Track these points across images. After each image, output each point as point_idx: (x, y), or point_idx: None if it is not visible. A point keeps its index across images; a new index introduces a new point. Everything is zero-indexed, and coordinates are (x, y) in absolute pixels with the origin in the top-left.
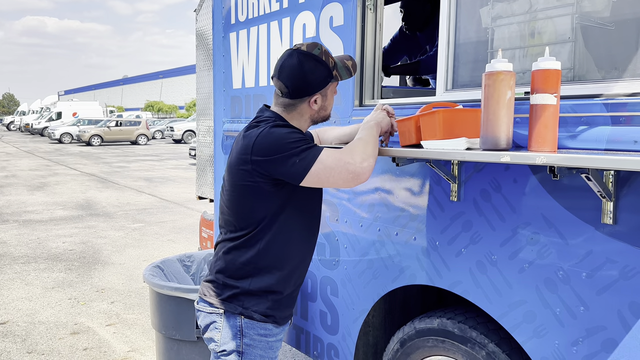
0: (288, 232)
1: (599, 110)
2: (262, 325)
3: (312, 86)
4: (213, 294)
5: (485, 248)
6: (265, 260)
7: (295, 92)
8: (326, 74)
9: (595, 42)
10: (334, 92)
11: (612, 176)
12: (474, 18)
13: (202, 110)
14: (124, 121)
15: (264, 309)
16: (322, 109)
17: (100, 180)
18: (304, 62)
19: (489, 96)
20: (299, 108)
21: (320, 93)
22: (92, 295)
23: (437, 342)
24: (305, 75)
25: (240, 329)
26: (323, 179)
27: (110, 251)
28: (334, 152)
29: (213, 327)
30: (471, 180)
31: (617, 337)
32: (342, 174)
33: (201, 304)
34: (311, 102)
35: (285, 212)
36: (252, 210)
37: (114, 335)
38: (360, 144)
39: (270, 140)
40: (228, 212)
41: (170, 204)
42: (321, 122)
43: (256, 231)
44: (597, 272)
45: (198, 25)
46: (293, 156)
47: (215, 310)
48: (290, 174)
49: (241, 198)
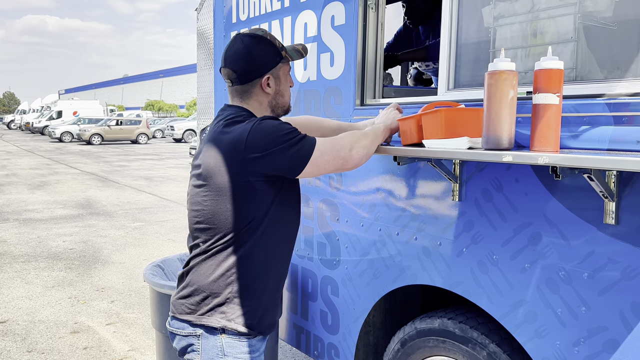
0: (273, 233)
1: (602, 110)
2: (244, 343)
3: (261, 65)
4: (188, 310)
5: (487, 248)
6: (249, 265)
7: (244, 75)
8: (274, 52)
9: (598, 41)
10: (288, 80)
11: (614, 176)
12: (476, 17)
13: (203, 110)
14: (125, 120)
15: (249, 320)
16: (278, 94)
17: (100, 179)
18: (248, 43)
19: (491, 95)
20: (254, 94)
21: (272, 74)
22: (92, 294)
23: (438, 342)
24: (251, 55)
25: (221, 349)
26: (321, 166)
27: (110, 250)
28: (328, 138)
29: (190, 349)
30: (473, 180)
31: (619, 338)
32: (335, 160)
33: (175, 325)
34: (263, 85)
35: (272, 210)
36: (240, 212)
37: (114, 334)
38: (358, 134)
39: (264, 134)
40: (208, 220)
41: (171, 203)
42: (283, 114)
43: (241, 235)
44: (599, 272)
45: (199, 24)
46: (291, 147)
47: (192, 332)
48: (289, 166)
49: (230, 202)
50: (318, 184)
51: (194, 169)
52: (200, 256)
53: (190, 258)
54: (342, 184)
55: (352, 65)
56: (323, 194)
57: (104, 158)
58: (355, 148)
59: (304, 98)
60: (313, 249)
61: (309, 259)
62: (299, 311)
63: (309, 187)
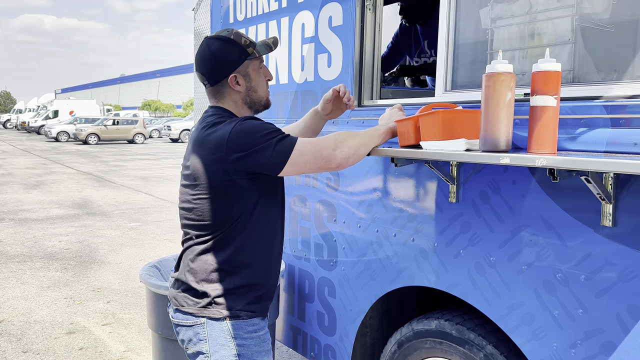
0: (263, 225)
1: (599, 112)
2: (249, 321)
3: (225, 66)
4: (191, 303)
5: (484, 250)
6: (244, 256)
7: (212, 76)
8: (238, 51)
9: (595, 44)
10: (262, 74)
11: (611, 178)
12: (473, 19)
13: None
14: (121, 120)
15: (248, 304)
16: (250, 91)
17: (96, 179)
18: (212, 46)
19: (489, 97)
20: (226, 94)
21: (239, 72)
22: (88, 295)
23: (435, 343)
24: (216, 57)
25: (228, 332)
26: (301, 165)
27: (106, 250)
28: (312, 139)
29: (197, 339)
30: (470, 182)
31: (616, 340)
32: (317, 160)
33: (179, 317)
34: (232, 83)
35: (259, 205)
36: (228, 208)
37: (110, 335)
38: (346, 134)
39: (244, 134)
40: (198, 216)
41: (167, 204)
42: (262, 109)
43: (231, 228)
44: (596, 274)
45: (196, 24)
46: (270, 147)
47: (196, 321)
48: (268, 165)
49: (216, 199)
50: (315, 184)
51: (184, 169)
52: (194, 249)
53: (183, 251)
54: (339, 185)
55: (350, 66)
56: (320, 195)
57: (100, 158)
58: (339, 148)
59: (302, 99)
60: (310, 250)
61: (305, 260)
62: (295, 312)
63: (306, 187)
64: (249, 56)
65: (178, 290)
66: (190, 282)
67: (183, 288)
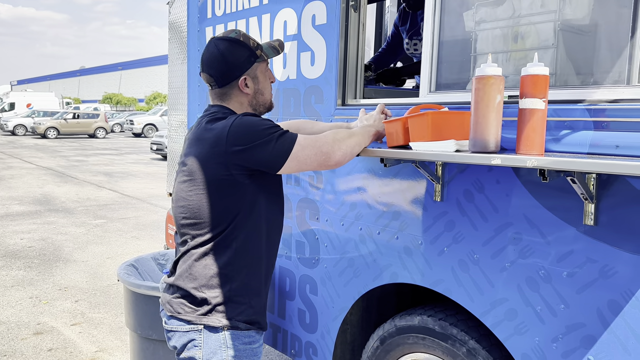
0: (262, 225)
1: (582, 115)
2: (246, 333)
3: (236, 67)
4: (189, 310)
5: (468, 247)
6: (245, 259)
7: (221, 78)
8: (248, 53)
9: (577, 48)
10: (268, 76)
11: (594, 179)
12: (457, 21)
13: (174, 104)
14: (82, 113)
15: (249, 316)
16: (258, 93)
17: (57, 174)
18: (221, 46)
19: (479, 100)
20: (233, 96)
21: (248, 75)
22: (55, 294)
23: (418, 339)
24: (225, 59)
25: (224, 341)
26: (302, 162)
27: (71, 248)
28: (311, 135)
29: (192, 345)
30: (454, 181)
31: (596, 334)
32: (317, 155)
33: (174, 323)
34: (241, 86)
35: (258, 204)
36: (226, 206)
37: (79, 335)
38: (343, 133)
39: (245, 128)
40: (194, 215)
41: (133, 200)
42: (265, 111)
43: (231, 228)
44: (578, 271)
45: (171, 17)
46: (271, 141)
47: (194, 327)
48: (269, 160)
49: (215, 195)
50: (297, 182)
51: (180, 166)
52: (192, 253)
53: (180, 255)
54: (322, 183)
55: (334, 65)
56: (302, 193)
57: (60, 152)
58: (338, 145)
59: (283, 96)
60: (291, 247)
61: (287, 258)
62: (275, 310)
63: (287, 185)
64: (257, 58)
65: (173, 296)
66: (189, 288)
67: (180, 294)
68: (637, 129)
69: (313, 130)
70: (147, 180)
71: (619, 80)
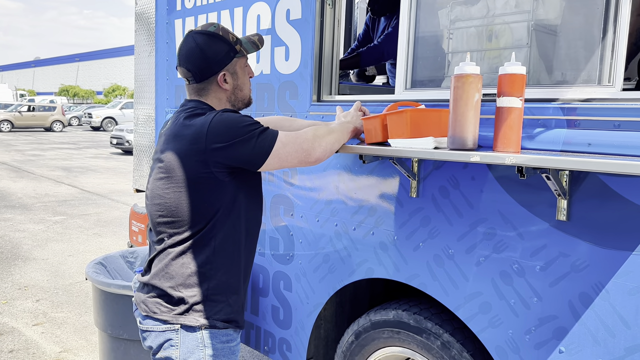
0: (241, 224)
1: (556, 113)
2: (224, 332)
3: (215, 63)
4: (165, 309)
5: (443, 242)
6: (223, 257)
7: (200, 73)
8: (227, 48)
9: (551, 48)
10: (247, 72)
11: (566, 176)
12: (433, 20)
13: (141, 97)
14: (37, 106)
15: (226, 314)
16: (237, 89)
17: (13, 169)
18: (200, 41)
19: (458, 98)
20: (211, 91)
21: (227, 70)
22: (14, 294)
23: (393, 333)
24: (204, 54)
25: (201, 341)
26: (283, 159)
27: (30, 246)
28: (291, 132)
29: (168, 344)
30: (430, 177)
31: (568, 326)
32: (298, 152)
33: (150, 323)
34: (220, 82)
35: (237, 202)
36: (205, 204)
37: (42, 335)
38: (323, 129)
39: (225, 125)
40: (171, 213)
41: (93, 196)
42: (244, 107)
43: (209, 227)
44: (551, 265)
45: (138, 8)
46: (252, 139)
47: (170, 327)
48: (251, 157)
49: (194, 193)
50: (271, 178)
51: (155, 162)
52: (169, 252)
53: (156, 254)
54: (297, 179)
55: (309, 61)
56: (276, 189)
57: (15, 146)
58: (318, 142)
59: (257, 91)
60: (265, 244)
61: (260, 254)
62: (249, 307)
63: None
64: (237, 54)
65: (148, 295)
66: (165, 287)
67: (156, 293)
68: (607, 127)
69: (292, 127)
70: (107, 175)
71: (590, 80)
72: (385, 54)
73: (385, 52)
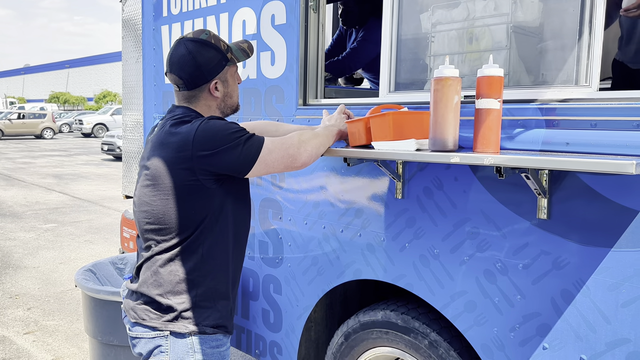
0: (228, 230)
1: (535, 114)
2: (213, 337)
3: (207, 71)
4: (154, 316)
5: (428, 242)
6: (211, 264)
7: (191, 81)
8: (219, 57)
9: (529, 50)
10: (236, 79)
11: (546, 175)
12: (415, 23)
13: (129, 103)
14: (27, 113)
15: (215, 320)
16: (227, 97)
17: (3, 177)
18: (192, 49)
19: (438, 100)
20: (201, 99)
21: (219, 78)
22: (5, 302)
23: (381, 333)
24: (196, 62)
25: (191, 346)
26: (269, 165)
27: (21, 254)
28: (277, 137)
29: (158, 351)
30: (415, 179)
31: (550, 322)
32: (284, 158)
33: (139, 330)
34: (212, 89)
35: (225, 208)
36: (192, 211)
37: (34, 343)
38: (308, 134)
39: (211, 133)
40: (158, 220)
41: (85, 203)
42: (232, 113)
43: (197, 234)
44: (533, 263)
45: (125, 15)
46: (238, 146)
47: (159, 333)
48: (237, 165)
49: (181, 200)
50: (259, 182)
51: (142, 169)
52: (157, 259)
53: (144, 260)
54: (285, 183)
55: (295, 65)
56: (265, 192)
57: (5, 154)
58: (304, 146)
59: (243, 96)
60: (254, 248)
61: (249, 258)
62: (239, 311)
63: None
64: (228, 62)
65: (137, 302)
66: (154, 295)
67: (144, 300)
68: (585, 127)
69: (277, 132)
70: (98, 182)
71: (568, 81)
72: (347, 68)
73: (347, 66)
